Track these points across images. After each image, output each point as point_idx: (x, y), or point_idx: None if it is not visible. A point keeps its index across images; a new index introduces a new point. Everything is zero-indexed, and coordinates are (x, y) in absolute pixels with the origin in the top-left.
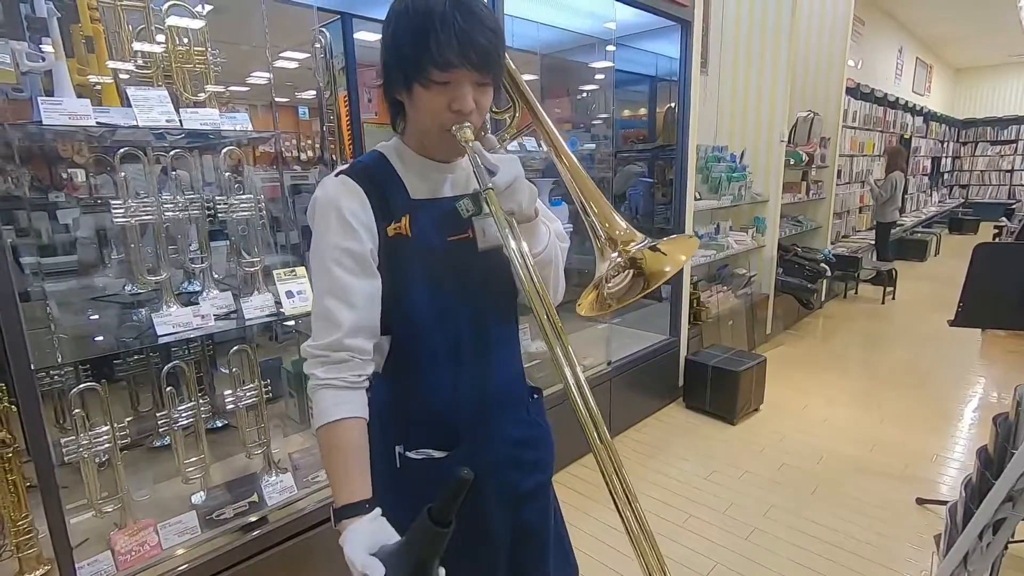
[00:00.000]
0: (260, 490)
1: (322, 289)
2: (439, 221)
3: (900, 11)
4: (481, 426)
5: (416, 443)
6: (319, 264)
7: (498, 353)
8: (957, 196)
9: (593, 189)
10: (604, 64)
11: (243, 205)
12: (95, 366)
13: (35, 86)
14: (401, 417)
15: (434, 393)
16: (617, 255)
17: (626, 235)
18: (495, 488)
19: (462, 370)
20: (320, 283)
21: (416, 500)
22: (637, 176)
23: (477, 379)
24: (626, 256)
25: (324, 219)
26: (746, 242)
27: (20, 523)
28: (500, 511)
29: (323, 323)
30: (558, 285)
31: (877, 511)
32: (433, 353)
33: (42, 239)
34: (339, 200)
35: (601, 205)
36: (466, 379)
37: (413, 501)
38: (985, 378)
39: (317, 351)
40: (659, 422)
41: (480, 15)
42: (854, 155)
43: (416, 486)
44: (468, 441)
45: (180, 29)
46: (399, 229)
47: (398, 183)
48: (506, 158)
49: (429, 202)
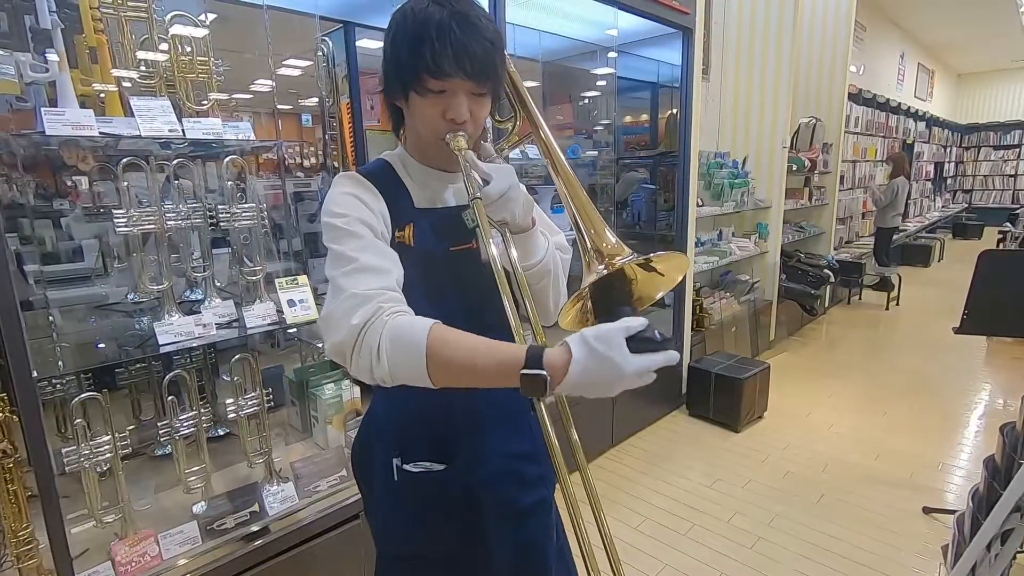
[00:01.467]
0: (261, 500)
1: (356, 248)
2: (442, 230)
3: (902, 17)
4: (480, 438)
5: (414, 456)
6: (343, 230)
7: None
8: (961, 201)
9: (586, 201)
10: (606, 71)
11: (245, 213)
12: (97, 375)
13: (39, 96)
14: (400, 429)
15: (433, 404)
16: (604, 267)
17: (614, 249)
18: (494, 502)
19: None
20: (350, 246)
21: (414, 511)
22: (639, 182)
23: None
24: (613, 269)
25: (345, 203)
26: (749, 248)
27: (21, 534)
28: (500, 527)
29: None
30: (559, 297)
31: (883, 520)
32: None
33: (46, 247)
34: (360, 190)
35: (593, 218)
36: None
37: (412, 513)
38: (991, 385)
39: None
40: (662, 430)
41: (478, 26)
42: (857, 160)
43: (414, 498)
44: (467, 453)
45: (183, 38)
46: (402, 238)
47: (403, 191)
48: (500, 168)
49: (432, 211)
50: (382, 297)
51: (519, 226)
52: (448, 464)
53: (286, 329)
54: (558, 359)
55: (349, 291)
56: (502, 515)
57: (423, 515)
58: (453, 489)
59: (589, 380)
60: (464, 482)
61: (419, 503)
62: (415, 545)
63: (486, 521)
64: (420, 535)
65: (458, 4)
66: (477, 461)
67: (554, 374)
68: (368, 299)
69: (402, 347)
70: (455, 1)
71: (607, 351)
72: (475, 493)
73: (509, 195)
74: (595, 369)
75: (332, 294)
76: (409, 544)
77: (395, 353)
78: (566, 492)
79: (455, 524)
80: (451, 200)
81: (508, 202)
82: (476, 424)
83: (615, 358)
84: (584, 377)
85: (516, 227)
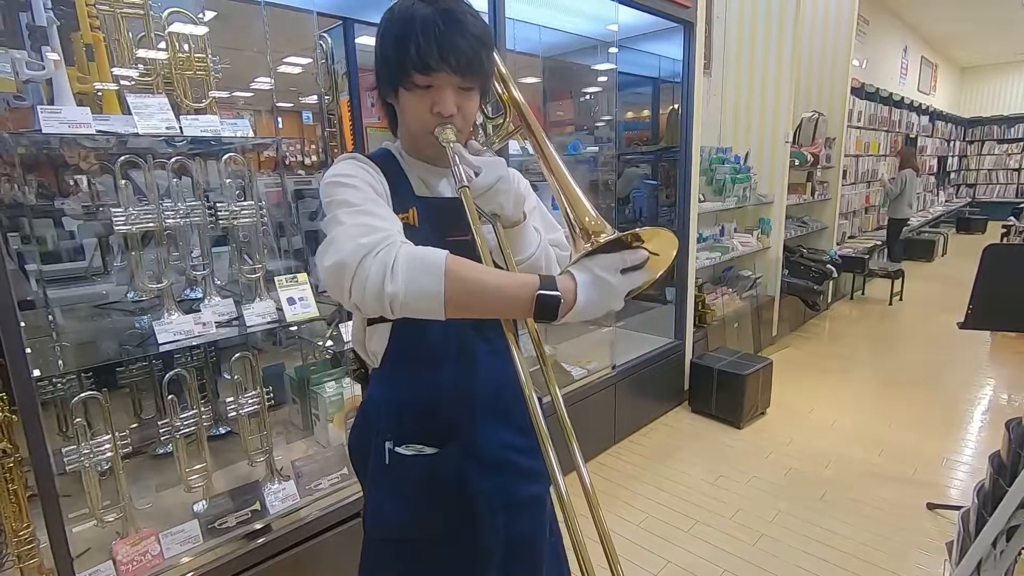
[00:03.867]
0: (263, 498)
1: (361, 198)
2: (440, 219)
3: (905, 10)
4: (473, 424)
5: (407, 439)
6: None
7: (497, 355)
8: (964, 195)
9: (569, 181)
10: (607, 66)
11: (245, 211)
12: (97, 374)
13: (37, 95)
14: (394, 412)
15: (429, 389)
16: (590, 246)
17: (596, 225)
18: (487, 491)
19: (459, 368)
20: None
21: (404, 494)
22: (641, 178)
23: (473, 379)
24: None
25: (349, 169)
26: (751, 244)
27: (22, 533)
28: (492, 518)
29: (372, 216)
30: None
31: (887, 516)
32: (431, 349)
33: (47, 246)
34: (364, 165)
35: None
36: (462, 377)
37: (402, 495)
38: (995, 380)
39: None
40: (664, 426)
41: (464, 22)
42: (859, 155)
43: (404, 481)
44: (460, 438)
45: (180, 36)
46: (407, 219)
47: (404, 179)
48: (490, 161)
49: (430, 199)
50: (392, 230)
51: (509, 219)
52: (440, 448)
53: (286, 327)
54: (568, 284)
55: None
56: (495, 505)
57: (413, 498)
58: (444, 473)
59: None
60: (456, 467)
61: (409, 486)
62: (404, 529)
63: (478, 508)
64: (409, 518)
65: (443, 1)
66: (470, 447)
67: (567, 300)
68: (377, 229)
69: (419, 265)
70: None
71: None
72: (467, 479)
73: (498, 187)
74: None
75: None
76: (399, 528)
77: (411, 271)
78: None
79: (445, 509)
80: (448, 192)
81: (497, 194)
82: (470, 409)
83: (613, 282)
84: (589, 302)
85: (507, 220)
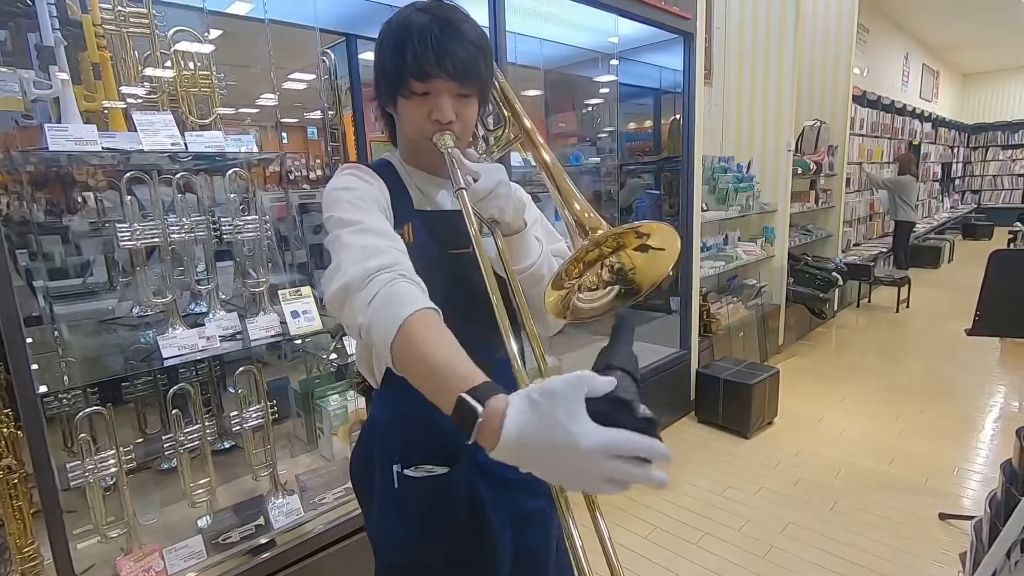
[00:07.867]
0: (267, 513)
1: (362, 214)
2: (440, 232)
3: (905, 19)
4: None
5: (415, 460)
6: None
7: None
8: (970, 201)
9: (566, 182)
10: (608, 78)
11: (249, 226)
12: (102, 389)
13: (45, 114)
14: (398, 433)
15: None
16: (586, 240)
17: (592, 221)
18: (498, 506)
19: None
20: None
21: (418, 518)
22: (643, 188)
23: None
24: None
25: (351, 182)
26: (755, 252)
27: (26, 550)
28: (501, 531)
29: (376, 235)
30: None
31: (898, 527)
32: None
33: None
34: (366, 175)
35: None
36: None
37: (415, 520)
38: (1006, 387)
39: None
40: (671, 437)
41: (460, 29)
42: (863, 163)
43: (417, 504)
44: (469, 456)
45: (186, 54)
46: (402, 233)
47: (403, 191)
48: (489, 166)
49: (430, 213)
50: (398, 254)
51: (510, 226)
52: (450, 467)
53: (290, 340)
54: (499, 406)
55: (360, 244)
56: (504, 520)
57: (427, 521)
58: (458, 491)
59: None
60: (468, 484)
61: (423, 509)
62: (418, 553)
63: (489, 524)
64: (423, 542)
65: (440, 10)
66: (482, 463)
67: (489, 420)
68: (383, 251)
69: (387, 310)
70: (438, 8)
71: (551, 408)
72: (479, 495)
73: (498, 191)
74: (535, 431)
75: (339, 248)
76: (412, 553)
77: (380, 311)
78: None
79: (460, 527)
80: (448, 204)
81: (496, 198)
82: None
83: (561, 419)
84: (523, 438)
85: (507, 227)
